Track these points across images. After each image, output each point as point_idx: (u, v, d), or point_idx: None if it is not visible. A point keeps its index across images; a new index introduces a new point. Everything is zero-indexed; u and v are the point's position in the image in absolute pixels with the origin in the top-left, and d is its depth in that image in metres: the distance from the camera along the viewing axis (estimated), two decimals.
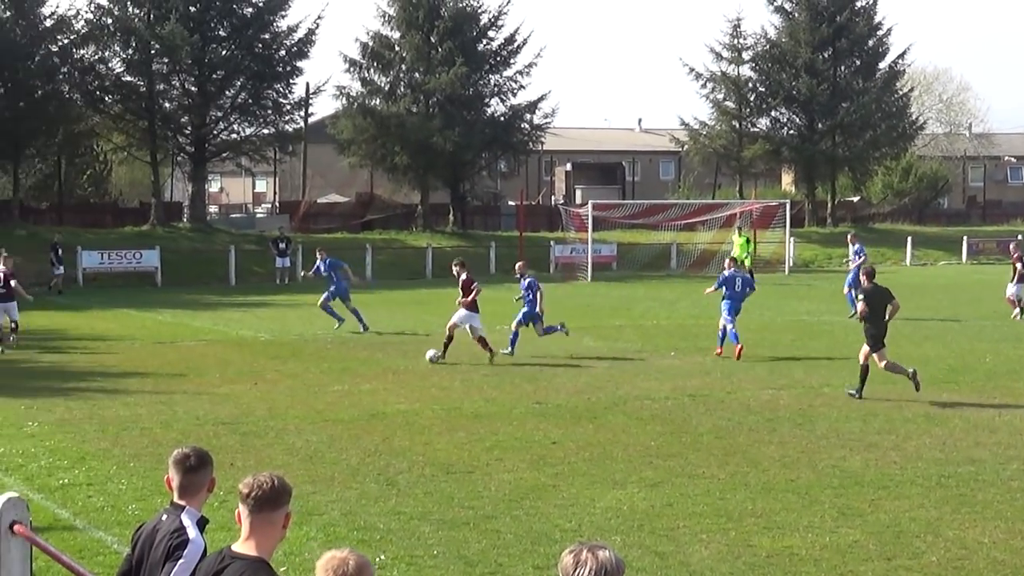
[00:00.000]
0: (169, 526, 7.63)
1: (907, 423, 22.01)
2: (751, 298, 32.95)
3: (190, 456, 7.83)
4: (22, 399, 24.32)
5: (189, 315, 41.58)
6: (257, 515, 6.79)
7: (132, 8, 68.44)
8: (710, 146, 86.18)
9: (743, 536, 14.75)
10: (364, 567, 5.80)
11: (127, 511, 15.61)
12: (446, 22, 72.93)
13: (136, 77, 69.09)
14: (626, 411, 23.18)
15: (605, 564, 5.36)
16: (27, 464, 18.46)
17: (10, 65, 63.39)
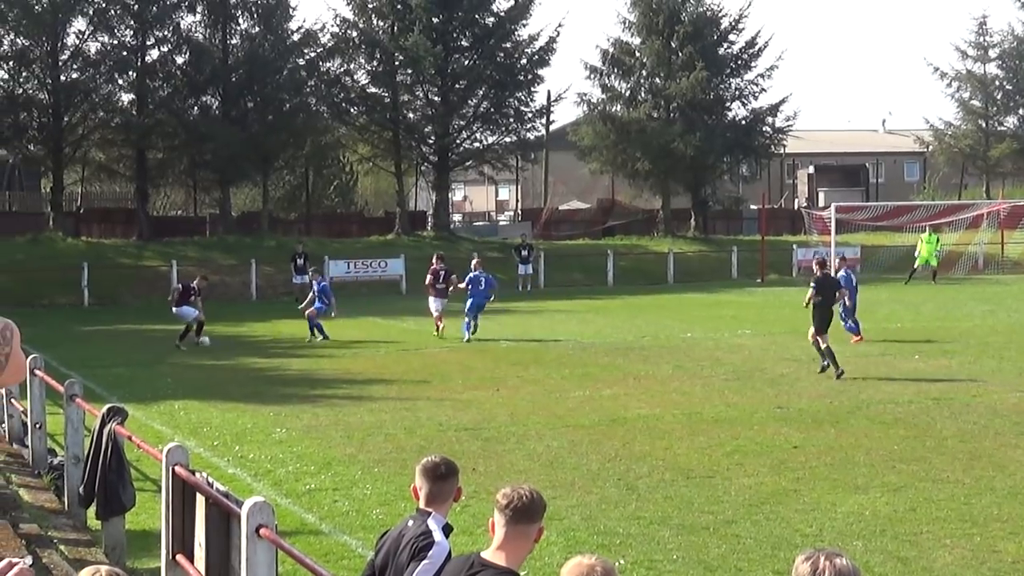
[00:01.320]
0: (415, 530, 7.81)
1: None
2: (1000, 297, 32.22)
3: (440, 465, 7.98)
4: (271, 406, 25.07)
5: (432, 322, 42.24)
6: (513, 526, 6.83)
7: (376, 21, 69.93)
8: (955, 146, 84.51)
9: (988, 542, 14.53)
10: (610, 574, 5.87)
11: (371, 515, 16.01)
12: (686, 27, 72.84)
13: (381, 88, 70.53)
14: (868, 415, 22.94)
15: (843, 572, 5.25)
16: (275, 469, 19.05)
17: (260, 80, 65.30)
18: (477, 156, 73.29)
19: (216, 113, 66.27)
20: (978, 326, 37.39)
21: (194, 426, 22.91)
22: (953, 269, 62.28)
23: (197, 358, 33.49)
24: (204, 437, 21.72)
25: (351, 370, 30.68)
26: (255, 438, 21.62)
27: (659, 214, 76.25)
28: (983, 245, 67.70)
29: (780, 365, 29.81)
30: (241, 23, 66.81)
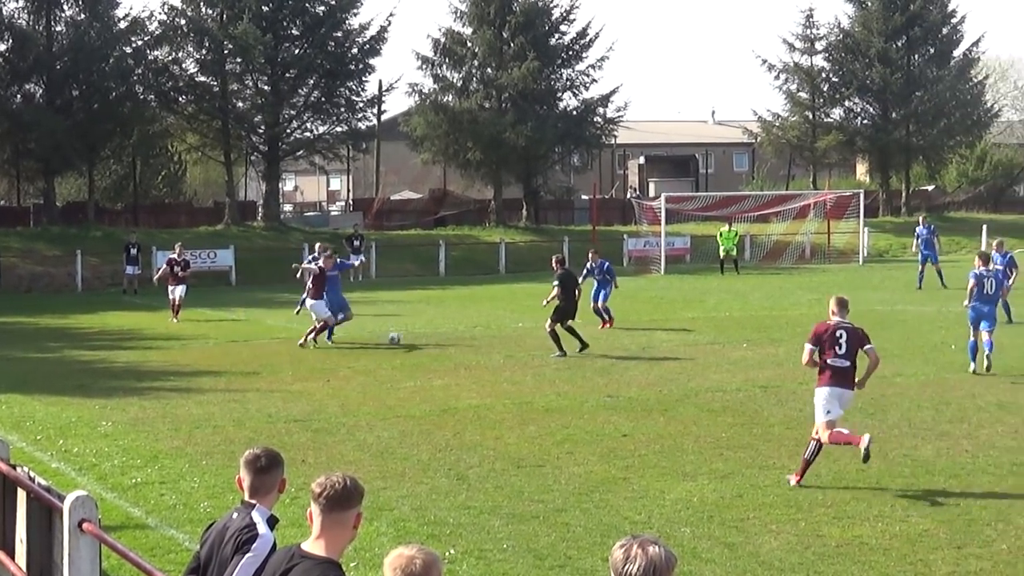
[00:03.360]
0: (240, 523, 7.72)
1: (979, 412, 21.90)
2: (827, 286, 32.76)
3: (261, 457, 7.91)
4: (97, 399, 24.61)
5: (263, 313, 41.90)
6: (328, 515, 6.81)
7: (205, 8, 69.04)
8: (783, 137, 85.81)
9: (813, 526, 14.76)
10: (432, 564, 5.81)
11: (199, 509, 15.79)
12: (518, 17, 72.99)
13: (209, 77, 69.67)
14: (697, 403, 23.18)
15: (655, 560, 5.31)
16: (100, 463, 18.69)
17: (85, 68, 64.11)
18: (308, 146, 72.73)
19: (40, 101, 64.87)
20: (805, 315, 37.92)
21: (16, 420, 22.40)
22: (780, 258, 63.25)
23: (23, 350, 32.77)
24: (27, 431, 21.25)
25: (179, 362, 30.26)
26: (80, 432, 21.19)
27: (491, 204, 76.35)
28: (810, 235, 68.91)
29: (611, 354, 30.00)
30: (66, 10, 65.49)
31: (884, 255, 70.69)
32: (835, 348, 17.26)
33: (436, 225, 74.73)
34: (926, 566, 13.24)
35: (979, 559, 13.42)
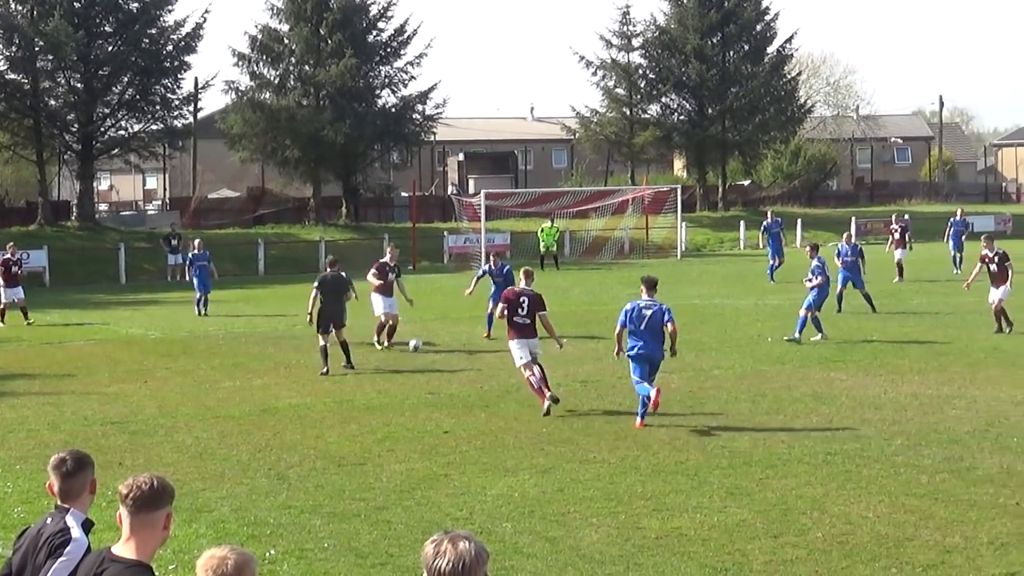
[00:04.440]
0: (53, 528, 7.56)
1: (795, 403, 22.27)
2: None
3: (67, 460, 7.75)
4: None
5: (78, 314, 41.12)
6: (136, 516, 6.69)
7: (15, 5, 67.48)
8: (601, 133, 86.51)
9: (633, 519, 14.85)
10: (244, 565, 5.72)
11: (12, 514, 15.41)
12: (335, 14, 72.54)
13: (20, 75, 68.06)
14: (518, 399, 23.22)
15: (463, 555, 5.35)
16: None
17: None
18: (123, 144, 71.43)
19: None
20: None
21: None
22: (600, 254, 63.76)
23: None
24: None
25: None
26: None
27: (310, 202, 75.86)
28: (628, 230, 69.54)
29: (433, 351, 29.95)
30: None
31: (702, 249, 71.67)
32: (519, 310, 22.35)
33: (254, 224, 73.98)
34: (743, 556, 13.40)
35: (795, 547, 13.62)
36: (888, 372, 25.61)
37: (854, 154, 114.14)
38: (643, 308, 20.89)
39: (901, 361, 27.08)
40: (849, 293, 36.51)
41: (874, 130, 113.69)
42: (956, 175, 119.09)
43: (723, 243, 73.25)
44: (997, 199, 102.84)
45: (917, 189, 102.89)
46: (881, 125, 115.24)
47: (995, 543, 13.65)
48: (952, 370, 25.74)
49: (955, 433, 19.38)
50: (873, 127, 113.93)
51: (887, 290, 41.42)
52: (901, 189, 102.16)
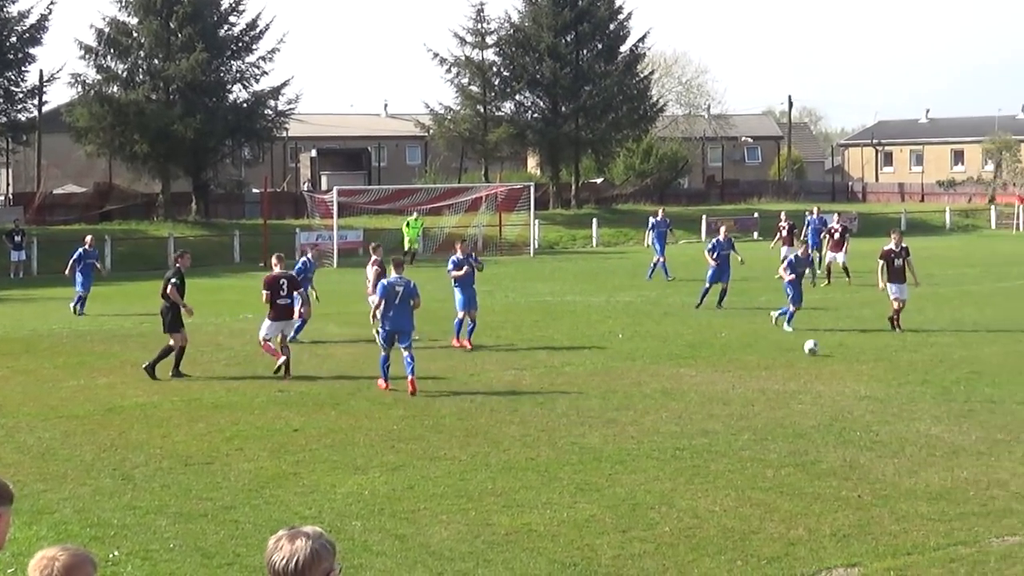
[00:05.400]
0: None
1: (645, 399, 22.42)
2: (498, 279, 33.10)
3: None
4: None
5: None
6: None
7: None
8: (455, 130, 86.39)
9: (483, 515, 14.84)
10: (74, 567, 5.54)
11: None
12: (185, 8, 71.59)
13: None
14: (369, 396, 23.13)
15: (297, 552, 5.34)
16: None
17: None
18: None
19: None
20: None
21: None
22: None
23: None
24: None
25: None
26: None
27: (159, 198, 74.84)
28: (482, 227, 69.57)
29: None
30: None
31: (555, 247, 71.87)
32: (280, 291, 25.99)
33: (101, 220, 72.76)
34: (592, 551, 13.45)
35: (643, 542, 13.70)
36: (736, 368, 25.90)
37: (705, 153, 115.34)
38: (396, 285, 23.92)
39: (749, 357, 27.41)
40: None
41: (725, 129, 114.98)
42: (805, 174, 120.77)
43: (576, 240, 73.55)
44: (844, 198, 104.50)
45: (767, 188, 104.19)
46: (732, 124, 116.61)
47: (837, 535, 13.85)
48: (798, 366, 26.11)
49: (800, 428, 19.66)
50: (724, 126, 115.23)
51: (738, 289, 41.89)
52: (751, 188, 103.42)
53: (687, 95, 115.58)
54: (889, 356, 27.29)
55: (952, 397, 22.26)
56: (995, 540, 13.66)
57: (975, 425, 19.72)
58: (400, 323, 23.89)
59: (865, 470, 16.81)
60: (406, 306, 23.93)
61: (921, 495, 15.47)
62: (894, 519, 14.45)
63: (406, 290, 23.91)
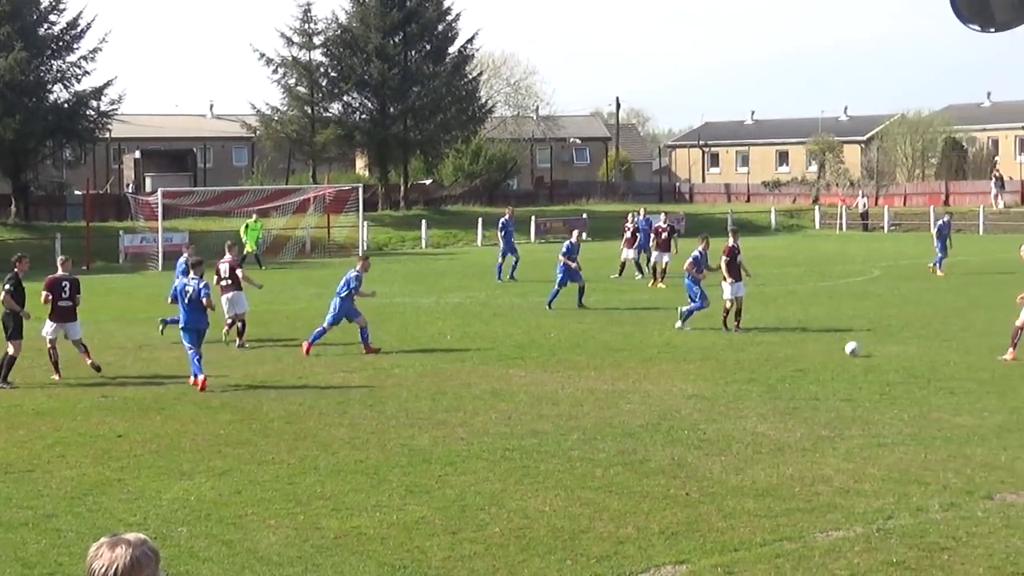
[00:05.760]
0: None
1: (475, 400, 22.41)
2: (328, 280, 32.89)
3: None
4: None
5: None
6: None
7: None
8: (282, 131, 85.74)
9: (311, 519, 14.71)
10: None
11: None
12: (3, 6, 69.98)
13: None
14: (195, 400, 22.82)
15: (116, 560, 5.22)
16: None
17: None
18: None
19: None
20: (305, 309, 38.11)
21: None
22: (281, 253, 63.15)
23: None
24: None
25: None
26: None
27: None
28: (310, 229, 69.11)
29: (106, 353, 29.07)
30: None
31: (384, 248, 71.64)
32: (62, 293, 25.65)
33: None
34: (422, 553, 13.39)
35: (473, 543, 13.67)
36: (565, 368, 26.03)
37: (534, 154, 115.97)
38: (187, 285, 24.62)
39: (578, 357, 27.56)
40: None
41: (553, 130, 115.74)
42: (633, 175, 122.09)
43: (405, 242, 73.41)
44: (671, 198, 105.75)
45: (595, 188, 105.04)
46: (560, 126, 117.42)
47: (666, 532, 13.95)
48: (627, 365, 26.31)
49: (629, 427, 19.79)
50: (553, 127, 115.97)
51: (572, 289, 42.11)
52: (580, 188, 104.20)
53: (516, 96, 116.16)
54: (716, 355, 27.63)
55: (778, 395, 22.60)
56: (820, 535, 13.86)
57: (800, 422, 20.04)
58: (192, 321, 24.51)
59: (693, 468, 16.97)
60: (198, 305, 24.43)
61: (748, 492, 15.66)
62: (721, 516, 14.60)
63: (195, 291, 24.39)
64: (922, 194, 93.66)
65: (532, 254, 58.01)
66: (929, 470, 16.65)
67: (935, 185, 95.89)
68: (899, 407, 21.25)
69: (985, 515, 14.47)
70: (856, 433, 19.13)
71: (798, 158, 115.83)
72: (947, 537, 13.64)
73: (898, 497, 15.29)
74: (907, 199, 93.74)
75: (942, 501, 15.08)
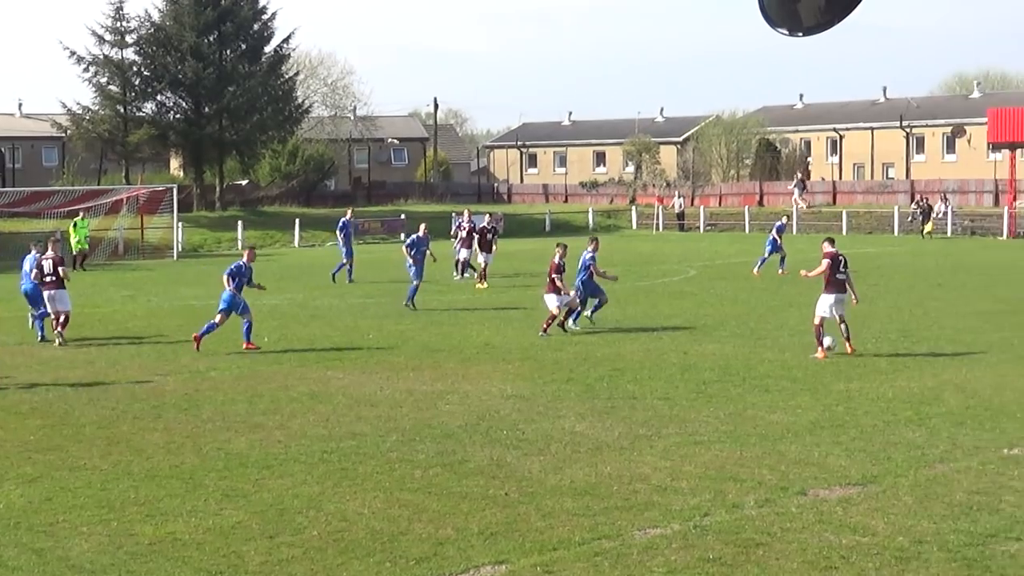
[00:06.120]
0: None
1: (292, 402, 22.21)
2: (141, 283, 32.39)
3: None
4: None
5: None
6: None
7: None
8: (94, 131, 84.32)
9: (125, 525, 14.42)
10: None
11: None
12: None
13: None
14: (3, 405, 22.26)
15: None
16: None
17: None
18: None
19: None
20: (118, 311, 37.49)
21: None
22: (93, 255, 62.07)
23: None
24: None
25: None
26: None
27: None
28: (123, 230, 68.00)
29: None
30: None
31: (199, 250, 70.88)
32: None
33: None
34: (239, 558, 13.20)
35: (291, 547, 13.52)
36: (384, 369, 25.92)
37: (352, 154, 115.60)
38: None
39: (397, 358, 27.46)
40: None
41: (371, 131, 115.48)
42: (451, 175, 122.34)
43: (221, 243, 72.62)
44: (490, 199, 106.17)
45: (414, 189, 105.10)
46: (378, 126, 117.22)
47: (485, 533, 13.94)
48: (446, 366, 26.28)
49: (448, 428, 19.76)
50: (370, 128, 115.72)
51: (389, 289, 42.05)
52: (398, 189, 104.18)
53: (333, 96, 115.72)
54: (535, 355, 27.73)
55: (596, 394, 22.74)
56: (638, 533, 13.96)
57: (618, 421, 20.18)
58: None
59: (512, 468, 16.99)
60: None
61: (566, 491, 15.71)
62: (540, 516, 14.62)
63: None
64: (737, 194, 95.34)
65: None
66: (744, 467, 16.87)
67: (749, 185, 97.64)
68: (715, 405, 21.53)
69: (799, 511, 14.70)
70: (673, 431, 19.33)
71: (615, 159, 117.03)
72: (762, 533, 13.82)
73: (714, 494, 15.47)
74: (722, 199, 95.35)
75: (757, 497, 15.29)
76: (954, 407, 21.18)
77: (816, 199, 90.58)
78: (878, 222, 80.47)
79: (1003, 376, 24.26)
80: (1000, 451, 17.78)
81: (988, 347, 28.11)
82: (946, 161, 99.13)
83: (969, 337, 29.86)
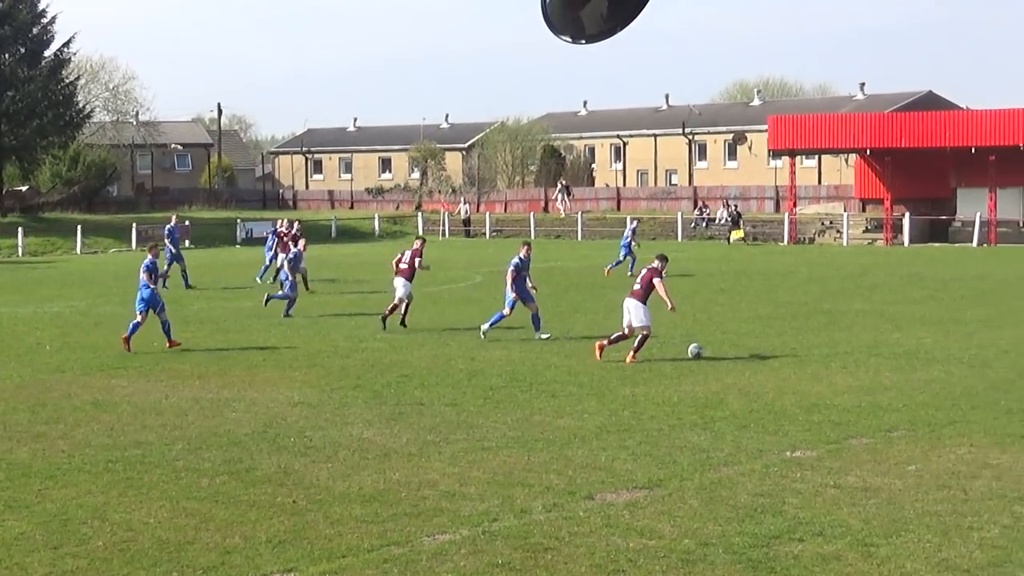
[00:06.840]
0: None
1: (76, 411, 21.85)
2: None
3: None
4: None
5: None
6: None
7: None
8: None
9: None
10: None
11: None
12: None
13: None
14: None
15: None
16: None
17: None
18: None
19: None
20: None
21: None
22: None
23: None
24: None
25: None
26: None
27: None
28: None
29: None
30: None
31: None
32: None
33: None
34: (22, 569, 12.99)
35: (76, 558, 13.33)
36: (169, 377, 25.64)
37: (135, 160, 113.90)
38: None
39: (183, 366, 27.17)
40: None
41: (154, 136, 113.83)
42: (236, 181, 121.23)
43: (0, 250, 70.99)
44: (275, 205, 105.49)
45: (198, 195, 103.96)
46: (161, 132, 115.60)
47: (273, 541, 13.91)
48: (232, 373, 26.09)
49: (235, 435, 19.64)
50: (153, 133, 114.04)
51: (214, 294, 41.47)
52: (182, 195, 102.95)
53: (115, 101, 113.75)
54: (322, 362, 27.68)
55: (383, 400, 22.79)
56: (427, 539, 14.05)
57: (406, 427, 20.26)
58: None
59: (300, 475, 16.96)
60: None
61: (355, 498, 15.74)
62: (329, 523, 14.64)
63: None
64: (522, 200, 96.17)
65: (134, 262, 56.82)
66: (532, 472, 17.06)
67: (535, 192, 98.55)
68: (503, 411, 21.72)
69: (586, 515, 14.92)
70: (461, 437, 19.46)
71: (401, 165, 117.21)
72: (550, 537, 14.01)
73: (502, 499, 15.62)
74: (508, 205, 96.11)
75: (545, 502, 15.48)
76: (738, 410, 21.66)
77: (600, 205, 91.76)
78: (661, 228, 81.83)
79: (785, 380, 24.88)
80: (783, 453, 18.24)
81: (770, 351, 28.81)
82: (728, 167, 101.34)
83: (751, 341, 30.60)
